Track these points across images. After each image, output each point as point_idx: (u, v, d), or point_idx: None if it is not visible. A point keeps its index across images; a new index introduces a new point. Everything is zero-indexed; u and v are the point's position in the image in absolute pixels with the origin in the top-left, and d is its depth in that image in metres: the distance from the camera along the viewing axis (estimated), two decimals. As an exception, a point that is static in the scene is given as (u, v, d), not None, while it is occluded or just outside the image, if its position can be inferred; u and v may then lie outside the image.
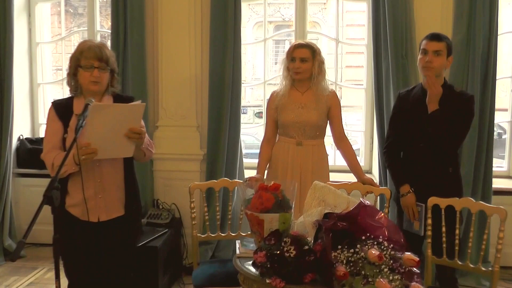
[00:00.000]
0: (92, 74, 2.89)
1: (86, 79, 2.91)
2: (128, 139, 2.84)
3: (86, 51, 2.91)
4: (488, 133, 4.49)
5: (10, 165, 5.09)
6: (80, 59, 2.91)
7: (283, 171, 3.72)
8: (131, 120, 2.84)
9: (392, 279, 2.27)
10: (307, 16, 5.06)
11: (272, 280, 2.36)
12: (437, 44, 3.43)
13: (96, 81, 2.91)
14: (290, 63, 3.69)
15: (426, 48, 3.46)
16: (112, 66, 3.00)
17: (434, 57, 3.42)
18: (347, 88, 7.27)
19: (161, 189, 4.97)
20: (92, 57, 2.89)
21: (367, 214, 2.49)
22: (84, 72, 2.90)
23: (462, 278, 4.46)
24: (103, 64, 2.91)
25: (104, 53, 2.92)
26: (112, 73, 3.02)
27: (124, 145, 2.86)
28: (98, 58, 2.89)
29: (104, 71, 2.93)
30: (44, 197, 2.34)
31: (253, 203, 2.60)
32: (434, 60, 3.42)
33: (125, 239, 3.12)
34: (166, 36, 4.84)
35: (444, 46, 3.44)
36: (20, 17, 5.27)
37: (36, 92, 5.57)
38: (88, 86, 2.93)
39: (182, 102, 4.89)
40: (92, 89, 2.93)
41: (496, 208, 3.12)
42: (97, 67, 2.89)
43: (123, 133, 2.82)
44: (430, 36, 3.49)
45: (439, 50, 3.43)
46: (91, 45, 2.94)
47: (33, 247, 5.17)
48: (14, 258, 2.32)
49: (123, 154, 2.96)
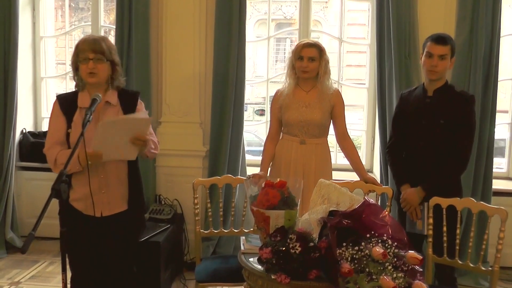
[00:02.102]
0: (87, 66, 2.90)
1: (84, 71, 2.93)
2: (133, 145, 2.88)
3: (81, 44, 2.94)
4: (489, 135, 4.52)
5: (13, 159, 5.11)
6: (78, 53, 2.94)
7: (286, 169, 3.75)
8: (137, 130, 2.87)
9: (396, 277, 2.31)
10: (311, 15, 5.08)
11: (277, 276, 2.40)
12: (442, 48, 3.43)
13: (92, 72, 2.92)
14: (297, 62, 3.71)
15: (431, 52, 3.45)
16: (110, 57, 2.99)
17: (439, 61, 3.44)
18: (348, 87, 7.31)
19: (164, 184, 4.99)
20: (86, 50, 2.91)
21: (372, 212, 2.53)
22: (82, 65, 2.93)
23: (461, 277, 4.49)
24: (98, 55, 2.92)
25: (98, 44, 2.93)
26: (113, 65, 3.02)
27: (129, 149, 2.90)
28: (92, 49, 2.91)
29: (100, 61, 2.93)
30: (52, 190, 2.36)
31: (259, 200, 2.63)
32: (440, 64, 3.44)
33: (128, 234, 3.15)
34: (171, 33, 4.86)
35: (449, 49, 3.45)
36: (24, 11, 5.29)
37: (39, 86, 5.58)
38: (86, 78, 2.95)
39: (185, 99, 4.91)
40: (90, 81, 2.95)
41: (497, 209, 3.15)
42: (92, 59, 2.90)
43: (128, 140, 2.85)
44: (436, 39, 3.47)
45: (444, 54, 3.44)
46: (86, 38, 2.98)
47: (35, 241, 5.06)
48: (24, 251, 2.35)
49: (127, 157, 3.00)
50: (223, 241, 4.91)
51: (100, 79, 2.97)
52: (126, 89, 3.21)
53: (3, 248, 5.02)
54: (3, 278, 4.52)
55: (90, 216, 2.99)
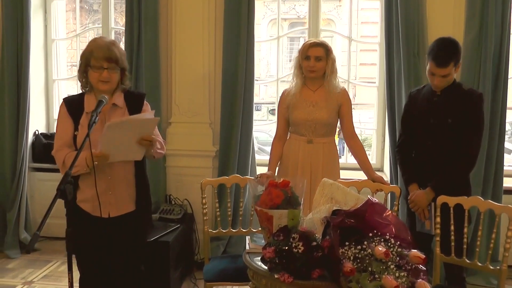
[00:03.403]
0: (101, 74, 2.91)
1: (95, 78, 2.93)
2: (139, 145, 2.89)
3: (95, 51, 2.91)
4: (499, 132, 4.48)
5: (26, 160, 5.18)
6: (90, 58, 2.92)
7: (293, 168, 3.75)
8: (144, 130, 2.88)
9: (399, 276, 2.30)
10: (320, 14, 5.07)
11: (280, 275, 2.40)
12: (443, 70, 3.38)
13: (105, 81, 2.93)
14: (304, 61, 3.71)
15: (433, 72, 3.42)
16: (122, 65, 3.00)
17: (441, 79, 3.41)
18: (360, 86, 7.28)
19: (174, 184, 5.02)
20: (101, 58, 2.89)
21: (375, 211, 2.52)
22: (93, 72, 2.92)
23: (471, 277, 4.47)
24: (112, 65, 2.92)
25: (113, 54, 2.92)
26: (122, 71, 3.03)
27: (135, 150, 2.91)
28: (107, 59, 2.90)
29: (114, 71, 2.95)
30: (57, 191, 2.39)
31: (263, 200, 2.64)
32: (443, 81, 3.43)
33: (136, 234, 3.16)
34: (180, 33, 4.89)
35: (452, 66, 3.38)
36: (36, 14, 5.35)
37: (51, 88, 5.65)
38: (98, 85, 2.96)
39: (195, 99, 4.94)
40: (102, 88, 2.96)
41: (505, 207, 3.13)
42: (107, 68, 2.91)
43: (135, 141, 2.86)
44: (436, 60, 3.37)
45: (446, 74, 3.40)
46: (101, 44, 2.94)
47: (47, 241, 5.25)
48: (29, 250, 2.38)
49: (133, 158, 3.00)
50: (233, 241, 4.92)
51: (111, 86, 3.00)
52: (132, 90, 3.23)
53: (17, 248, 5.06)
54: (17, 277, 4.58)
55: (97, 217, 3.00)
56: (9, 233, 5.08)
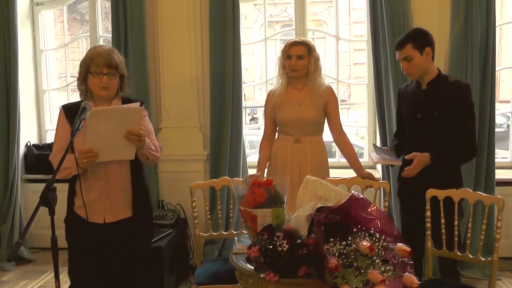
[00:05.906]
0: (101, 80, 2.93)
1: (95, 85, 2.96)
2: (128, 141, 2.86)
3: (96, 57, 2.94)
4: (489, 125, 4.47)
5: (18, 171, 5.17)
6: (90, 65, 2.95)
7: (282, 168, 3.74)
8: (129, 122, 2.84)
9: (385, 270, 2.29)
10: (306, 14, 5.07)
11: (266, 274, 2.39)
12: (401, 53, 3.44)
13: (105, 87, 2.96)
14: (286, 61, 3.71)
15: (398, 58, 3.50)
16: (121, 71, 3.03)
17: (406, 63, 3.43)
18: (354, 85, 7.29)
19: (166, 190, 5.01)
20: (101, 64, 2.92)
21: (360, 206, 2.51)
22: (93, 79, 2.95)
23: (467, 270, 4.47)
24: (112, 71, 2.95)
25: (113, 60, 2.96)
26: (121, 78, 3.06)
27: (125, 147, 2.88)
28: (108, 65, 2.93)
29: (114, 77, 2.98)
30: (40, 199, 2.38)
31: (246, 199, 2.63)
32: (410, 66, 3.43)
33: (134, 240, 3.12)
34: (167, 38, 4.89)
35: (410, 48, 3.40)
36: (24, 25, 5.36)
37: (42, 98, 5.65)
38: (98, 92, 2.98)
39: (184, 103, 4.94)
40: (102, 94, 2.99)
41: (494, 198, 3.13)
42: (106, 74, 2.93)
43: (122, 136, 2.83)
44: (395, 44, 3.52)
45: (407, 56, 3.41)
46: (101, 51, 2.98)
47: (42, 251, 5.25)
48: (10, 259, 2.36)
49: (125, 157, 2.96)
50: (228, 244, 4.91)
51: (111, 92, 3.02)
52: (130, 98, 3.23)
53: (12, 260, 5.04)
54: (12, 289, 4.58)
55: (93, 223, 2.99)
56: (3, 245, 5.06)
